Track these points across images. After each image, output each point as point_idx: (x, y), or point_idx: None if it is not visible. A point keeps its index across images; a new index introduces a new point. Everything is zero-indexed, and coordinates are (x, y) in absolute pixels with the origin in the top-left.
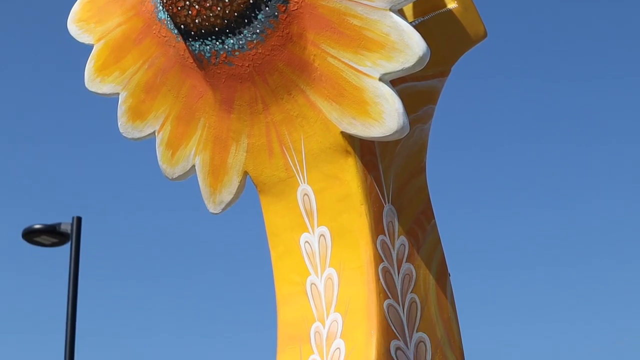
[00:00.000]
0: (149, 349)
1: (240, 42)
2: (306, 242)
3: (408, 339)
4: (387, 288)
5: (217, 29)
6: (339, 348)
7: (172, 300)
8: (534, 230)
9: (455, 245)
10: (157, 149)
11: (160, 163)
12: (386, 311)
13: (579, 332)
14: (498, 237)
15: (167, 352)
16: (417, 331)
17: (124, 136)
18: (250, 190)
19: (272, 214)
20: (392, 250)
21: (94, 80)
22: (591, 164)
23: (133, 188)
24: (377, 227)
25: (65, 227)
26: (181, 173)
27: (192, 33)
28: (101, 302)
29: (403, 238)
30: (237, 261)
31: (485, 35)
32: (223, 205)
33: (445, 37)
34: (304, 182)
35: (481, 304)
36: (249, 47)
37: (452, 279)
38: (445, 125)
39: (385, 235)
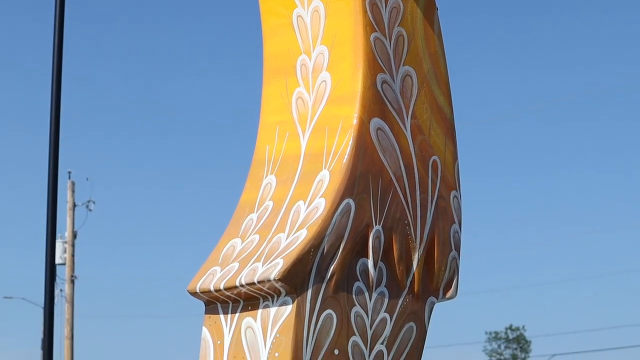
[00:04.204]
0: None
1: None
2: None
3: (394, 72)
4: (374, 21)
5: None
6: (325, 81)
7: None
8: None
9: None
10: None
11: None
12: (373, 44)
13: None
14: None
15: (153, 88)
16: (403, 65)
17: None
18: None
19: None
20: None
21: None
22: None
23: None
24: None
25: None
26: None
27: None
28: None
29: None
30: None
31: None
32: None
33: None
34: None
35: (472, 43)
36: None
37: (440, 13)
38: None
39: None
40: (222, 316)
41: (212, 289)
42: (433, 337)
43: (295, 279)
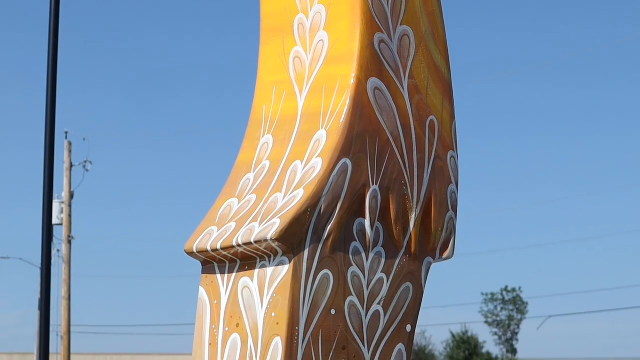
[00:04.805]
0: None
1: None
2: None
3: (392, 31)
4: None
5: None
6: (322, 40)
7: None
8: None
9: None
10: None
11: None
12: (370, 3)
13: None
14: None
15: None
16: (401, 24)
17: None
18: None
19: None
20: None
21: None
22: None
23: None
24: None
25: None
26: None
27: None
28: None
29: None
30: None
31: None
32: None
33: None
34: None
35: (469, 2)
36: None
37: None
38: None
39: None
40: (219, 276)
41: (209, 248)
42: (430, 298)
43: (292, 239)
